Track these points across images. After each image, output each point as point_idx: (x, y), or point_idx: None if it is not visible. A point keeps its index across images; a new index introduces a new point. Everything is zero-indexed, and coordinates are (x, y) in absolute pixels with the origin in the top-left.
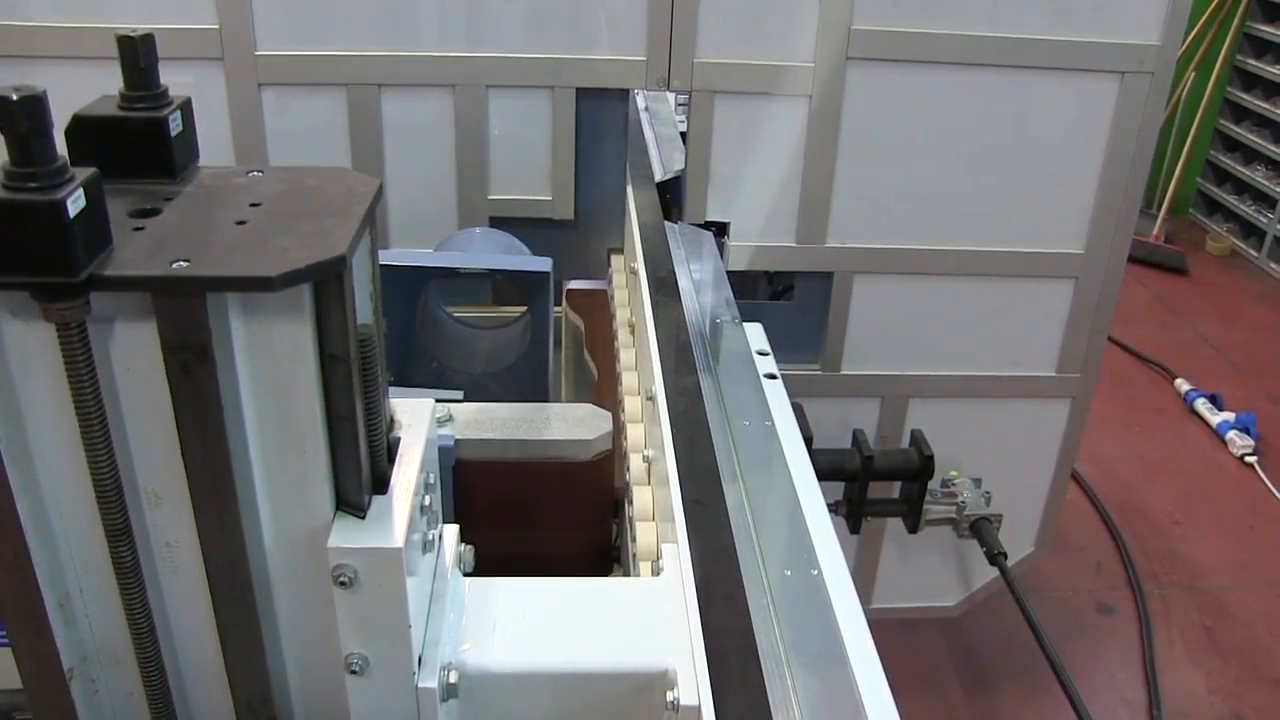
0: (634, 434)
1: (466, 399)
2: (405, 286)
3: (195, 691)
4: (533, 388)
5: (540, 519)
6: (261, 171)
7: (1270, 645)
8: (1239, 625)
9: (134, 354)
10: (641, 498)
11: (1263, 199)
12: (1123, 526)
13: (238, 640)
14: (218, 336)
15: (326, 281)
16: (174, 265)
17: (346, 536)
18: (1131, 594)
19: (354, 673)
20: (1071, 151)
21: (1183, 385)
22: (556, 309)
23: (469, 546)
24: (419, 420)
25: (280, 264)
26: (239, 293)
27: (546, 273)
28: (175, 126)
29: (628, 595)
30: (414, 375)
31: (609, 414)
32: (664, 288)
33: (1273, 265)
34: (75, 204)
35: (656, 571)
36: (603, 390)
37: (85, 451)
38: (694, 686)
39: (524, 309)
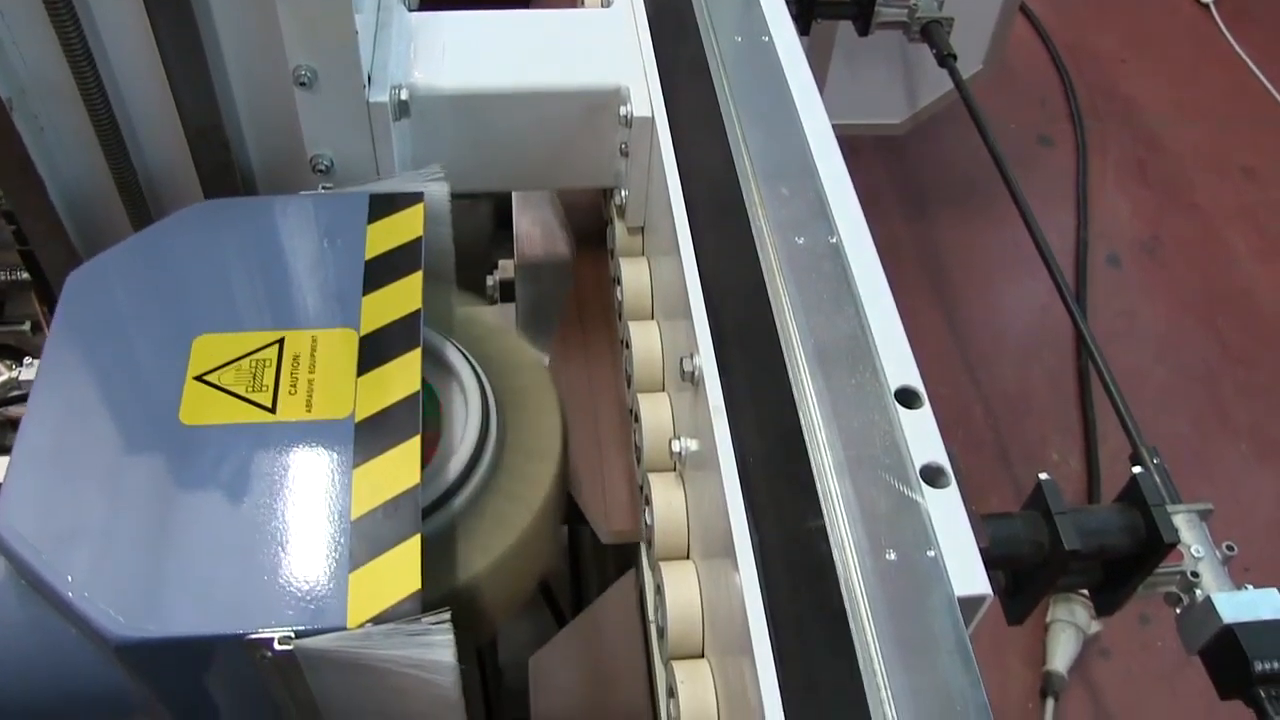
0: None
1: None
2: None
3: (145, 126)
4: None
5: None
6: None
7: (1193, 176)
8: (1169, 158)
9: None
10: None
11: None
12: (1070, 64)
13: (181, 63)
14: None
15: None
16: None
17: None
18: (1072, 127)
19: (302, 85)
20: None
21: None
22: None
23: None
24: None
25: None
26: None
27: None
28: None
29: (577, 22)
30: None
31: None
32: None
33: None
34: None
35: (606, 4)
36: None
37: None
38: (647, 100)
39: None
